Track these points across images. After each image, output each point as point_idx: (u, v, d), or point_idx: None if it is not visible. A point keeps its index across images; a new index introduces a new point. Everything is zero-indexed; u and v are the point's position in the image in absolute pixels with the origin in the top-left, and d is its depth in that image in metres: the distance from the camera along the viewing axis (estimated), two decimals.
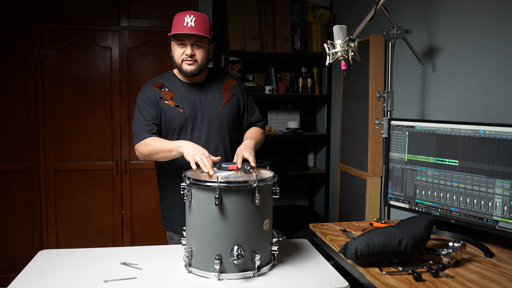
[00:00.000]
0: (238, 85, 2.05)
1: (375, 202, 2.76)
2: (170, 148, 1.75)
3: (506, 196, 1.57)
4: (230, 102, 1.98)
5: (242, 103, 2.04)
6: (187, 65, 1.86)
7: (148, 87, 1.95)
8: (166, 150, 1.77)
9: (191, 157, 1.61)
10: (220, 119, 1.95)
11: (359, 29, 1.82)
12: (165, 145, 1.78)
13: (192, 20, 1.80)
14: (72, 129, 3.22)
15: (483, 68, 1.91)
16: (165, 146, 1.78)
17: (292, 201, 4.05)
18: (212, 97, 1.95)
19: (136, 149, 1.89)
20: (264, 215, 1.50)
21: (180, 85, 1.95)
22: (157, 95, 1.91)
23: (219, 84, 1.99)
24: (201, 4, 3.30)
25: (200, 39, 1.84)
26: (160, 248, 1.76)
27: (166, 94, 1.92)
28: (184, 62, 1.86)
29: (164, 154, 1.79)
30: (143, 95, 1.94)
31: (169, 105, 1.90)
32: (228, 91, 1.99)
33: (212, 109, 1.94)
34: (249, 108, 2.08)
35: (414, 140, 1.89)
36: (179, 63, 1.87)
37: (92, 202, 3.28)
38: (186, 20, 1.80)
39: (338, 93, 3.41)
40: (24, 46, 3.11)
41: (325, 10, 3.53)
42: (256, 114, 2.10)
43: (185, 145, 1.69)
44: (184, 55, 1.85)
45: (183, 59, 1.85)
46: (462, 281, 1.36)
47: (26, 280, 1.44)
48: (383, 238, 1.45)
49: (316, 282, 1.43)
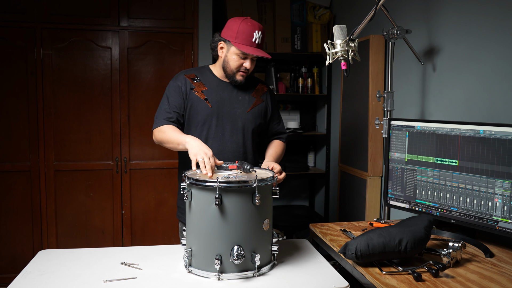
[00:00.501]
0: (269, 93, 2.08)
1: (375, 202, 2.76)
2: (178, 141, 1.77)
3: (506, 196, 1.57)
4: (258, 106, 2.01)
5: (270, 110, 2.07)
6: (241, 76, 1.91)
7: (181, 76, 1.97)
8: (175, 142, 1.79)
9: (194, 156, 1.62)
10: (245, 121, 1.97)
11: (359, 29, 1.82)
12: (175, 136, 1.80)
13: (259, 38, 1.85)
14: (72, 129, 3.22)
15: (483, 68, 1.91)
16: (175, 138, 1.80)
17: (292, 201, 4.05)
18: (242, 98, 1.98)
19: (153, 133, 1.93)
20: (264, 215, 1.50)
21: (214, 80, 1.98)
22: (187, 86, 1.94)
23: (251, 87, 2.03)
24: (201, 4, 3.30)
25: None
26: (160, 248, 1.76)
27: (197, 86, 1.95)
28: (239, 73, 1.91)
29: (172, 145, 1.82)
30: (174, 83, 1.96)
31: (198, 97, 1.93)
32: (258, 96, 2.03)
33: (239, 109, 1.96)
34: (275, 117, 2.11)
35: (414, 140, 1.89)
36: (234, 71, 1.90)
37: (92, 202, 3.28)
38: (255, 37, 1.84)
39: (338, 93, 3.41)
40: (24, 46, 3.11)
41: (325, 10, 3.53)
42: (281, 125, 2.13)
43: (191, 142, 1.70)
44: (243, 67, 1.89)
45: (240, 70, 1.90)
46: (462, 281, 1.36)
47: (26, 280, 1.44)
48: (383, 238, 1.45)
49: (316, 282, 1.43)
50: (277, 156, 1.99)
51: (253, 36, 1.84)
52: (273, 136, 2.12)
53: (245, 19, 1.87)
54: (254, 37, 1.84)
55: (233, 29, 1.85)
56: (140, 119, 3.30)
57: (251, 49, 1.83)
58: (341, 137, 3.21)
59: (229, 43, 1.87)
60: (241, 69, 1.89)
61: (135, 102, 3.29)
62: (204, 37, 3.33)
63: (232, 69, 1.90)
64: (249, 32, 1.84)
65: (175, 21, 3.28)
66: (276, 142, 2.09)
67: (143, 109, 3.30)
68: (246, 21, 1.86)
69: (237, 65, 1.89)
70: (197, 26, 3.30)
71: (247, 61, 1.88)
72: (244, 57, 1.87)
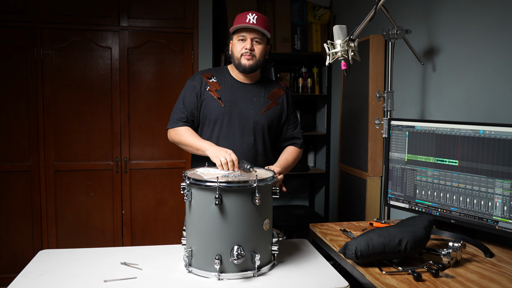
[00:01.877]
0: (286, 96, 2.09)
1: (375, 202, 2.76)
2: (198, 147, 1.87)
3: (506, 196, 1.57)
4: (273, 109, 2.02)
5: (285, 114, 2.07)
6: (246, 60, 1.93)
7: (198, 76, 2.03)
8: (194, 147, 1.89)
9: (217, 158, 1.70)
10: (257, 122, 1.98)
11: (359, 29, 1.82)
12: (194, 142, 1.89)
13: (254, 18, 1.89)
14: (72, 129, 3.22)
15: (483, 68, 1.91)
16: (194, 143, 1.89)
17: (292, 201, 4.05)
18: (257, 99, 2.00)
19: (168, 133, 2.03)
20: (264, 215, 1.50)
21: (230, 80, 2.01)
22: (203, 85, 1.98)
23: (267, 90, 2.04)
24: (201, 4, 3.30)
25: (260, 35, 1.92)
26: (160, 248, 1.76)
27: (212, 85, 1.98)
28: (243, 57, 1.93)
29: (191, 149, 1.92)
30: (191, 82, 2.02)
31: (211, 96, 1.96)
32: (274, 99, 2.04)
33: (253, 110, 1.98)
34: (291, 122, 2.10)
35: (414, 140, 1.89)
36: (238, 57, 1.94)
37: (92, 202, 3.28)
38: (248, 17, 1.89)
39: (338, 93, 3.41)
40: (24, 46, 3.11)
41: (325, 10, 3.53)
42: (297, 130, 2.12)
43: (211, 148, 1.79)
44: (243, 50, 1.91)
45: (243, 53, 1.92)
46: (462, 281, 1.36)
47: (26, 280, 1.44)
48: (383, 238, 1.45)
49: (316, 282, 1.43)
50: (286, 163, 1.99)
51: (247, 17, 1.90)
52: (287, 141, 2.11)
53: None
54: (248, 18, 1.89)
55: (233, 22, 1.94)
56: (140, 119, 3.30)
57: (244, 24, 1.89)
58: (341, 137, 3.21)
59: (230, 38, 1.97)
60: (243, 52, 1.92)
61: (135, 102, 3.29)
62: (204, 37, 3.33)
63: (236, 55, 1.94)
64: (243, 15, 1.92)
65: (175, 21, 3.28)
66: (289, 149, 2.08)
67: (143, 109, 3.30)
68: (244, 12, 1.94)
69: (239, 49, 1.93)
70: (197, 26, 3.30)
71: (247, 41, 1.91)
72: (242, 38, 1.92)
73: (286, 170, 1.97)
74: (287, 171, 2.00)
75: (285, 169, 1.96)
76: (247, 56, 1.92)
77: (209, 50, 3.36)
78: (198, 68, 3.33)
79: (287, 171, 1.99)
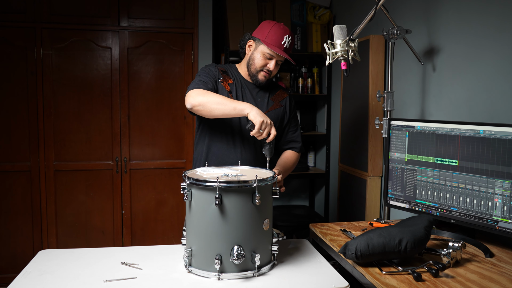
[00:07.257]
0: (288, 99, 2.10)
1: (375, 202, 2.76)
2: (234, 105, 1.71)
3: (506, 196, 1.57)
4: (275, 111, 2.03)
5: (287, 117, 2.09)
6: (263, 76, 1.95)
7: (212, 65, 2.01)
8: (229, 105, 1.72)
9: (260, 121, 1.65)
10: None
11: (359, 29, 1.82)
12: (229, 100, 1.75)
13: (288, 43, 1.91)
14: (72, 129, 3.22)
15: (483, 67, 1.91)
16: (229, 101, 1.74)
17: (292, 201, 4.05)
18: (262, 100, 2.01)
19: (188, 94, 1.81)
20: (264, 215, 1.50)
21: (238, 78, 2.02)
22: (217, 75, 1.97)
23: (272, 92, 2.06)
24: (201, 4, 3.30)
25: (283, 59, 1.93)
26: (160, 248, 1.76)
27: (225, 78, 1.98)
28: (262, 72, 1.94)
29: (223, 107, 1.73)
30: (206, 68, 1.99)
31: (224, 88, 1.96)
32: (277, 101, 2.05)
33: None
34: (292, 125, 2.12)
35: (414, 140, 1.89)
36: (257, 69, 1.94)
37: (92, 202, 3.28)
38: (284, 40, 1.89)
39: (338, 93, 3.41)
40: (24, 46, 3.11)
41: (325, 10, 3.53)
42: (296, 133, 2.13)
43: (254, 108, 1.69)
44: (266, 68, 1.92)
45: (263, 70, 1.93)
46: (462, 281, 1.36)
47: (26, 280, 1.44)
48: (383, 238, 1.45)
49: (316, 282, 1.43)
50: (285, 167, 1.99)
51: (283, 39, 1.89)
52: (287, 143, 2.12)
53: (279, 23, 1.93)
54: (284, 40, 1.89)
55: (265, 30, 1.91)
56: (140, 119, 3.30)
57: (279, 50, 1.87)
58: (341, 137, 3.21)
59: (259, 42, 1.92)
60: (264, 69, 1.93)
61: (135, 102, 3.29)
62: (204, 37, 3.33)
63: (256, 67, 1.93)
64: (280, 35, 1.89)
65: (175, 21, 3.28)
66: (288, 153, 2.09)
67: (143, 109, 3.30)
68: (279, 24, 1.92)
69: (261, 64, 1.92)
70: (197, 26, 3.30)
71: (272, 62, 1.91)
72: (269, 57, 1.91)
73: (285, 172, 1.97)
74: (287, 174, 2.00)
75: (284, 171, 1.96)
76: (265, 74, 1.94)
77: (209, 50, 3.36)
78: (198, 68, 3.33)
79: (287, 174, 2.00)
